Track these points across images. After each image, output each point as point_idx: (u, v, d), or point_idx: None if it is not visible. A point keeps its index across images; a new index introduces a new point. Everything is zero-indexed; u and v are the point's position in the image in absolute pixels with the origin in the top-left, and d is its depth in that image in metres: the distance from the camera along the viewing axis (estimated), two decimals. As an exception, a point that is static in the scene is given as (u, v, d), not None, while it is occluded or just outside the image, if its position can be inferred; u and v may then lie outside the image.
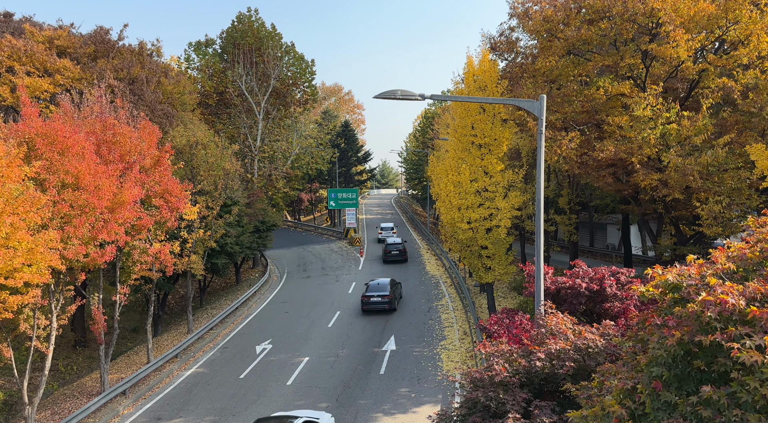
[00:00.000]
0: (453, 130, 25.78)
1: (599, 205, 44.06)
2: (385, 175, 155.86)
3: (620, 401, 5.97)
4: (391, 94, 12.34)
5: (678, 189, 20.29)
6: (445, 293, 33.65)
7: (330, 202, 57.16)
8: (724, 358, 5.17)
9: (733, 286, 5.29)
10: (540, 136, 12.40)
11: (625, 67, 22.73)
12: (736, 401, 4.91)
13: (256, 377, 21.03)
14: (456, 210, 24.74)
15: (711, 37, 21.58)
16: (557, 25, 23.32)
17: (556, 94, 24.32)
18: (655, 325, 6.04)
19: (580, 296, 12.78)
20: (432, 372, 20.65)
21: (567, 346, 9.34)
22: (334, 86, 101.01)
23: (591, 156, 23.37)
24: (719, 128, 21.41)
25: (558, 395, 9.37)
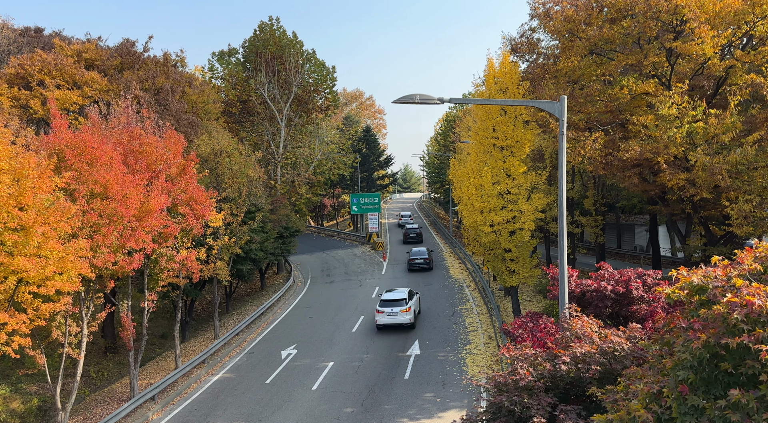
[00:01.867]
0: (474, 133, 25.68)
1: (626, 206, 43.29)
2: (407, 179, 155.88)
3: (646, 405, 5.87)
4: (410, 99, 12.38)
5: (706, 188, 19.83)
6: (469, 297, 33.44)
7: (352, 207, 57.40)
8: (753, 360, 5.04)
9: (760, 287, 5.17)
10: (561, 137, 12.28)
11: (650, 66, 22.35)
12: (766, 405, 4.78)
13: (281, 382, 21.20)
14: (478, 213, 24.59)
15: (738, 32, 21.10)
16: (579, 24, 23.08)
17: (579, 95, 24.04)
18: (680, 328, 5.93)
19: (605, 299, 12.58)
20: (457, 376, 20.53)
21: (593, 349, 9.21)
22: (355, 92, 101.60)
23: (616, 156, 23.02)
24: (748, 126, 20.86)
25: (584, 399, 9.23)
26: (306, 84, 49.04)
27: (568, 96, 23.68)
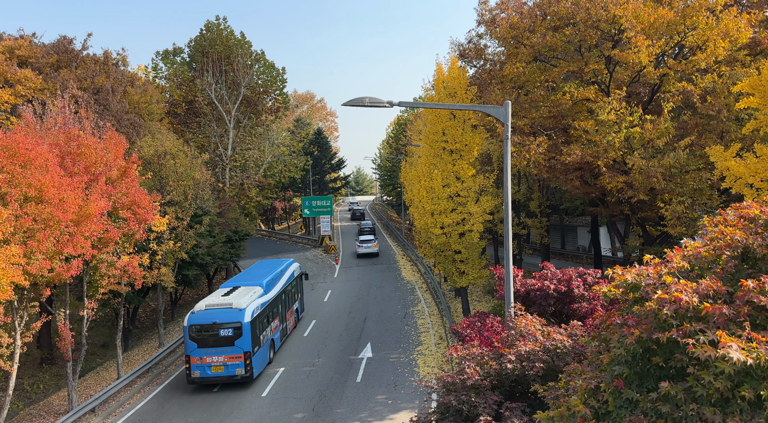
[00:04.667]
0: (425, 137, 26.00)
1: (569, 208, 44.83)
2: (359, 182, 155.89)
3: (585, 401, 6.09)
4: (360, 102, 12.40)
5: (643, 190, 20.82)
6: (421, 299, 33.76)
7: (304, 210, 56.86)
8: (681, 354, 5.32)
9: (688, 284, 5.46)
10: (506, 141, 12.59)
11: (590, 73, 23.28)
12: (693, 395, 5.05)
13: (229, 390, 20.71)
14: (429, 215, 24.89)
15: (671, 42, 22.29)
16: (523, 32, 23.77)
17: (524, 100, 24.76)
18: (616, 325, 6.20)
19: (548, 298, 12.98)
20: (408, 378, 20.67)
21: (536, 347, 9.48)
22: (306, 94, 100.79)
23: (559, 160, 23.83)
24: (680, 131, 22.07)
25: (528, 396, 9.49)
26: (255, 85, 48.26)
27: (513, 101, 24.36)
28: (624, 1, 20.71)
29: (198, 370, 20.21)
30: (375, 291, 36.12)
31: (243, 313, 20.36)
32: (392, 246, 57.44)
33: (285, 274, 27.14)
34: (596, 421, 5.97)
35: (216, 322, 20.21)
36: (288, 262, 29.29)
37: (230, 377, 20.17)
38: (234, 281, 24.85)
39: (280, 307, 25.11)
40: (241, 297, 21.58)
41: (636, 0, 21.05)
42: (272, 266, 27.82)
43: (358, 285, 38.43)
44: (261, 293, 22.85)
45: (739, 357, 4.46)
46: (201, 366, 20.20)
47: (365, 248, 50.29)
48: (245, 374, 20.16)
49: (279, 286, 25.34)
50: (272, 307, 23.56)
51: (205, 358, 20.17)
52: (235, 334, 20.13)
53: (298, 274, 29.91)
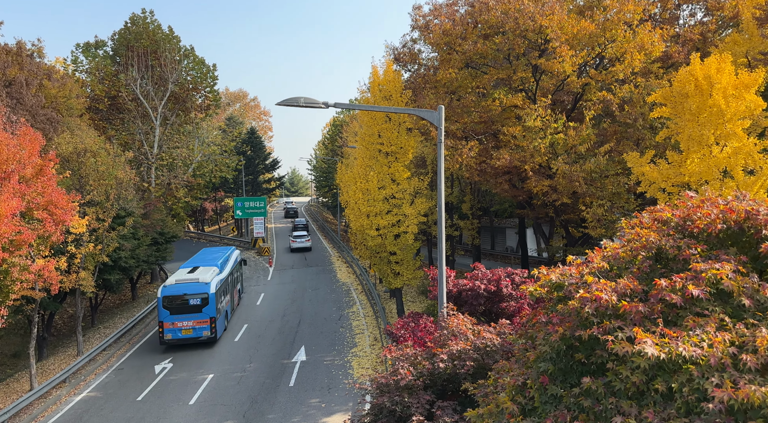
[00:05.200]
0: (361, 138, 26.04)
1: (499, 210, 46.35)
2: (294, 182, 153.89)
3: (512, 397, 6.28)
4: (295, 102, 12.22)
5: (566, 194, 21.85)
6: (356, 300, 33.75)
7: (236, 211, 55.39)
8: (601, 350, 5.60)
9: (607, 283, 5.76)
10: (439, 145, 12.83)
11: (518, 81, 24.18)
12: (612, 390, 5.33)
13: (155, 398, 19.80)
14: (365, 217, 24.94)
15: (592, 53, 23.55)
16: (456, 38, 24.35)
17: (457, 105, 25.35)
18: (541, 323, 6.44)
19: (479, 297, 13.34)
20: (343, 380, 20.58)
21: (467, 346, 9.70)
22: (238, 92, 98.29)
23: (489, 164, 24.58)
24: (601, 138, 23.36)
25: (459, 394, 9.69)
26: (184, 81, 46.51)
27: (446, 106, 24.88)
28: (550, 13, 21.68)
29: (170, 333, 24.15)
30: (310, 293, 35.75)
31: (209, 286, 24.68)
32: (328, 248, 57.10)
33: (231, 258, 31.46)
34: (523, 418, 6.17)
35: (186, 293, 24.35)
36: (231, 249, 33.60)
37: (197, 338, 24.35)
38: (191, 263, 28.75)
39: (230, 285, 29.47)
40: (204, 273, 25.77)
41: (561, 12, 22.08)
42: (219, 252, 32.24)
43: (292, 287, 37.89)
44: (218, 272, 26.93)
45: (653, 352, 4.75)
46: (173, 329, 24.14)
47: (299, 243, 53.79)
48: (211, 335, 24.53)
49: (229, 267, 29.67)
50: (226, 284, 27.90)
51: (176, 323, 24.17)
52: (202, 303, 24.41)
53: (240, 259, 34.51)
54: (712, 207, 6.31)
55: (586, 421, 5.43)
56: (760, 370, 4.46)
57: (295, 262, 48.18)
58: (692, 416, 4.65)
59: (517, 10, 22.04)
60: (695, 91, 15.31)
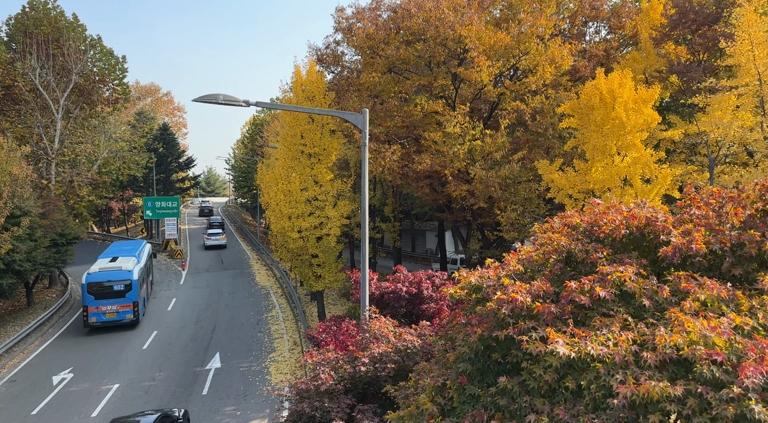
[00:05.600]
0: (282, 139, 25.56)
1: (419, 213, 47.28)
2: (211, 182, 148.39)
3: (432, 398, 6.36)
4: (213, 98, 11.77)
5: (483, 198, 22.67)
6: (276, 304, 33.05)
7: (146, 212, 52.46)
8: (516, 350, 5.81)
9: (522, 285, 5.99)
10: (364, 148, 12.85)
11: (439, 88, 24.79)
12: (526, 388, 5.54)
13: (52, 412, 18.27)
14: (286, 219, 24.50)
15: (507, 64, 24.62)
16: (379, 43, 24.57)
17: (380, 109, 25.57)
18: (461, 324, 6.58)
19: (401, 299, 13.48)
20: (260, 386, 20.04)
21: (389, 348, 9.76)
22: (150, 86, 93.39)
23: (411, 168, 24.99)
24: (514, 145, 24.46)
25: (380, 397, 9.71)
26: (90, 73, 43.44)
27: (370, 109, 25.03)
28: (468, 23, 22.41)
29: (95, 316, 26.21)
30: (226, 298, 34.56)
31: (132, 273, 26.99)
32: (246, 250, 55.53)
33: (145, 250, 33.62)
34: (442, 418, 6.27)
35: (110, 280, 26.47)
36: (143, 242, 35.19)
37: (121, 321, 26.60)
38: (109, 253, 30.74)
39: (146, 275, 31.85)
40: (126, 262, 27.79)
41: (479, 23, 22.90)
42: (131, 244, 34.16)
43: (207, 292, 36.44)
44: (137, 262, 28.84)
45: (564, 351, 4.98)
46: (97, 313, 26.19)
47: (213, 240, 54.56)
48: (134, 318, 26.85)
49: (144, 258, 31.89)
50: (143, 273, 30.00)
51: (101, 307, 26.23)
52: (125, 289, 26.62)
53: (151, 252, 36.75)
54: (616, 213, 6.75)
55: (501, 419, 5.60)
56: (659, 367, 4.80)
57: (210, 265, 46.42)
58: (599, 412, 4.93)
59: (437, 18, 22.59)
60: (600, 104, 16.41)
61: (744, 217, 6.07)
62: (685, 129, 18.31)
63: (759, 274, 5.45)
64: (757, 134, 15.49)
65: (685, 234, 6.12)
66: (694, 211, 6.62)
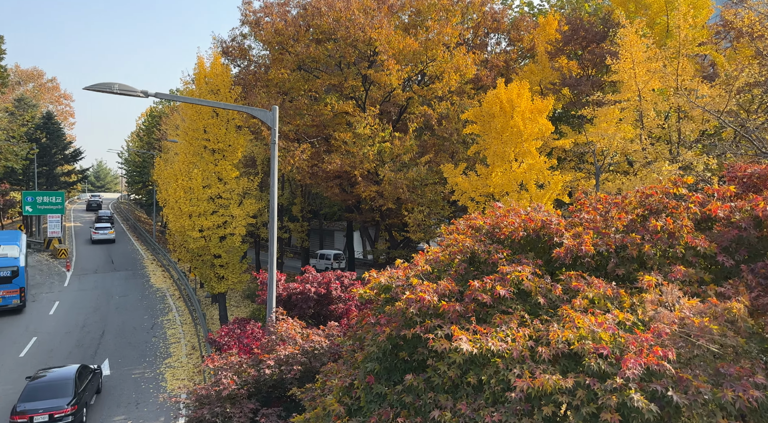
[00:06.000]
0: (184, 133, 24.35)
1: (328, 213, 47.11)
2: (101, 177, 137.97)
3: (339, 399, 6.36)
4: (107, 87, 10.97)
5: (391, 200, 23.06)
6: (173, 307, 31.38)
7: (25, 208, 47.68)
8: (423, 347, 5.97)
9: (430, 284, 6.16)
10: (273, 146, 12.58)
11: (349, 88, 24.87)
12: (431, 385, 5.70)
13: None
14: (187, 217, 23.37)
15: (416, 69, 25.23)
16: (288, 39, 24.18)
17: (289, 107, 25.16)
18: (370, 324, 6.65)
19: (309, 300, 13.35)
20: (154, 394, 18.94)
21: (296, 350, 9.62)
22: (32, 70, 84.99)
23: (321, 167, 24.84)
24: (422, 149, 25.12)
25: (286, 400, 9.56)
26: (-40, 50, 38.79)
27: (279, 106, 24.53)
28: (379, 26, 22.70)
29: None
30: (117, 300, 32.27)
31: (19, 260, 28.13)
32: (140, 250, 52.23)
33: (23, 240, 32.88)
34: (349, 418, 6.29)
35: None
36: (20, 233, 34.28)
37: (7, 306, 27.49)
38: None
39: (27, 262, 32.63)
40: (10, 250, 28.62)
41: (389, 26, 23.27)
42: (9, 234, 33.32)
43: (95, 294, 33.80)
44: (20, 250, 29.44)
45: (468, 348, 5.19)
46: None
47: (101, 234, 53.09)
48: (20, 303, 28.00)
49: (23, 247, 31.70)
50: (25, 261, 30.61)
51: None
52: (12, 275, 27.68)
53: (26, 241, 37.13)
54: (515, 216, 7.14)
55: (407, 416, 5.72)
56: (552, 361, 5.14)
57: (99, 266, 43.13)
58: (498, 405, 5.18)
59: (348, 19, 22.65)
60: (500, 113, 17.30)
61: (626, 222, 6.67)
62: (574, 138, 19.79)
63: (639, 273, 6.01)
64: (637, 145, 17.11)
65: (576, 236, 6.61)
66: (583, 216, 7.17)
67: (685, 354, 4.75)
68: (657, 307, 5.18)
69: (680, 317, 4.96)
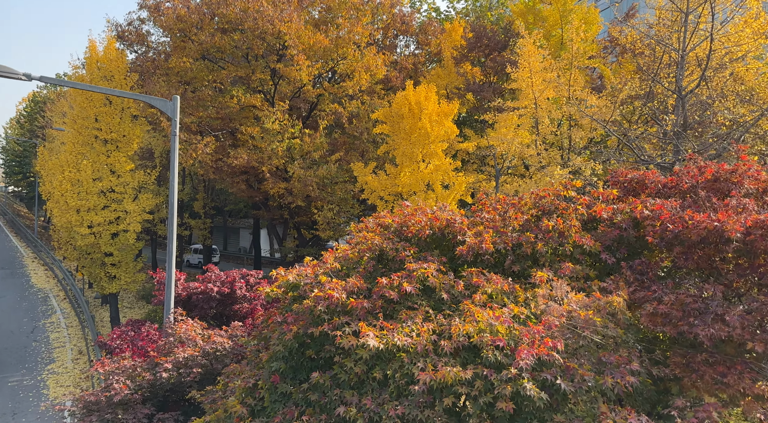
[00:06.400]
0: (72, 121, 22.46)
1: (233, 210, 45.61)
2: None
3: (242, 400, 6.21)
4: (-19, 67, 9.88)
5: (300, 197, 22.77)
6: (57, 309, 28.86)
7: None
8: (330, 345, 5.97)
9: (339, 282, 6.18)
10: (174, 138, 11.96)
11: (257, 81, 24.22)
12: (337, 382, 5.72)
13: None
14: (74, 212, 21.60)
15: (326, 67, 25.08)
16: (191, 27, 23.10)
17: (192, 97, 24.02)
18: (276, 323, 6.54)
19: (211, 300, 12.86)
20: (34, 403, 17.32)
21: (196, 352, 9.23)
22: None
23: (226, 162, 23.96)
24: (332, 147, 25.04)
25: (184, 404, 9.16)
26: None
27: (180, 97, 23.35)
28: (288, 20, 22.29)
29: None
30: (-9, 303, 29.14)
31: None
32: (19, 247, 47.49)
33: None
34: (252, 419, 6.15)
35: None
36: None
37: None
38: None
39: None
40: None
41: (299, 21, 22.92)
42: None
43: (-36, 297, 30.28)
44: None
45: (374, 343, 5.26)
46: None
47: None
48: None
49: None
50: None
51: None
52: None
53: None
54: (422, 215, 7.35)
55: (312, 414, 5.70)
56: (454, 353, 5.36)
57: (-30, 265, 38.70)
58: (402, 399, 5.31)
59: (256, 10, 22.03)
60: (409, 114, 17.68)
61: (522, 222, 7.09)
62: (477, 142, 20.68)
63: (533, 270, 6.42)
64: (533, 150, 18.23)
65: (477, 235, 6.93)
66: (484, 215, 7.53)
67: (572, 344, 5.14)
68: (548, 301, 5.56)
69: (568, 310, 5.36)
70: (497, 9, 32.29)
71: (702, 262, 5.88)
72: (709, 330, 4.94)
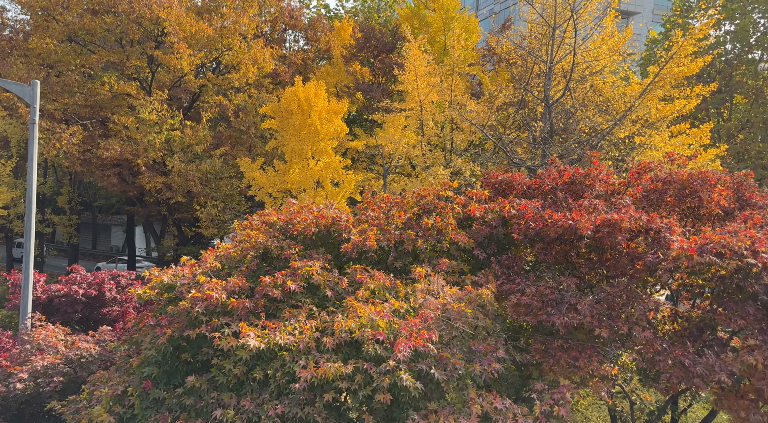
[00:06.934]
0: None
1: (104, 206, 42.14)
2: None
3: (109, 408, 5.83)
4: None
5: (181, 193, 21.61)
6: None
7: None
8: (208, 347, 5.78)
9: (219, 282, 6.00)
10: (33, 126, 10.82)
11: (132, 68, 22.60)
12: (215, 384, 5.56)
13: None
14: None
15: (210, 56, 24.01)
16: (56, 6, 21.00)
17: (55, 82, 21.81)
18: (149, 326, 6.20)
19: (76, 304, 11.82)
20: None
21: (57, 359, 8.47)
22: None
23: (95, 154, 22.09)
24: (217, 140, 24.04)
25: (43, 416, 8.36)
26: None
27: (42, 81, 21.11)
28: (168, 5, 21.04)
29: None
30: None
31: None
32: None
33: None
34: (122, 429, 5.79)
35: None
36: None
37: None
38: None
39: None
40: None
41: (180, 7, 21.72)
42: None
43: None
44: None
45: (255, 343, 5.19)
46: None
47: None
48: None
49: None
50: None
51: None
52: None
53: None
54: (308, 213, 7.35)
55: (187, 419, 5.49)
56: (336, 350, 5.44)
57: None
58: (282, 397, 5.30)
59: (133, -8, 20.55)
60: (298, 110, 17.52)
61: (405, 220, 7.37)
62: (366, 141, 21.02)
63: (413, 266, 6.70)
64: (418, 151, 18.92)
65: (362, 233, 7.08)
66: (369, 213, 7.71)
67: (446, 335, 5.46)
68: (426, 295, 5.85)
69: (443, 303, 5.68)
70: (385, 12, 32.98)
71: (559, 256, 6.52)
72: (564, 318, 5.49)
